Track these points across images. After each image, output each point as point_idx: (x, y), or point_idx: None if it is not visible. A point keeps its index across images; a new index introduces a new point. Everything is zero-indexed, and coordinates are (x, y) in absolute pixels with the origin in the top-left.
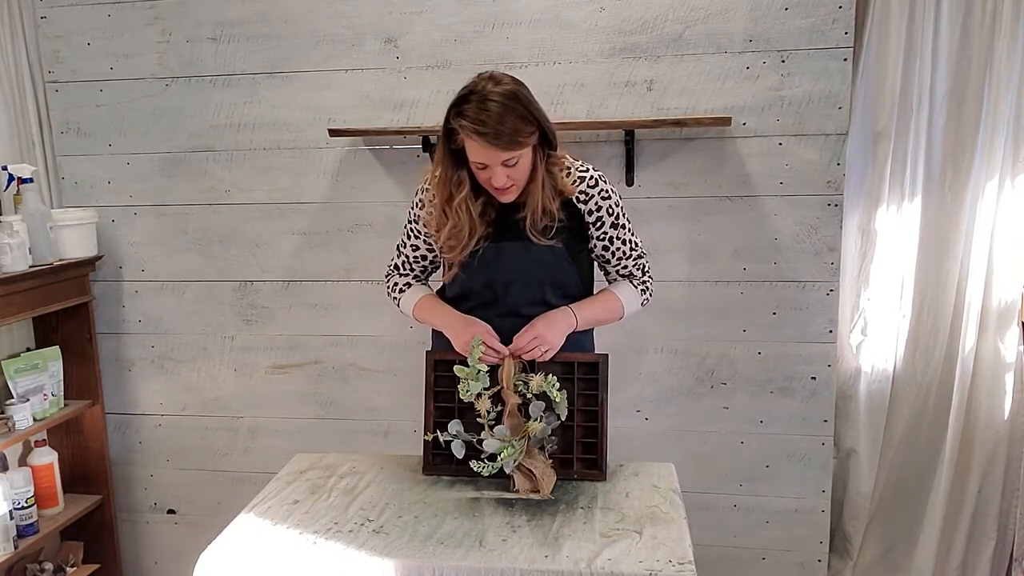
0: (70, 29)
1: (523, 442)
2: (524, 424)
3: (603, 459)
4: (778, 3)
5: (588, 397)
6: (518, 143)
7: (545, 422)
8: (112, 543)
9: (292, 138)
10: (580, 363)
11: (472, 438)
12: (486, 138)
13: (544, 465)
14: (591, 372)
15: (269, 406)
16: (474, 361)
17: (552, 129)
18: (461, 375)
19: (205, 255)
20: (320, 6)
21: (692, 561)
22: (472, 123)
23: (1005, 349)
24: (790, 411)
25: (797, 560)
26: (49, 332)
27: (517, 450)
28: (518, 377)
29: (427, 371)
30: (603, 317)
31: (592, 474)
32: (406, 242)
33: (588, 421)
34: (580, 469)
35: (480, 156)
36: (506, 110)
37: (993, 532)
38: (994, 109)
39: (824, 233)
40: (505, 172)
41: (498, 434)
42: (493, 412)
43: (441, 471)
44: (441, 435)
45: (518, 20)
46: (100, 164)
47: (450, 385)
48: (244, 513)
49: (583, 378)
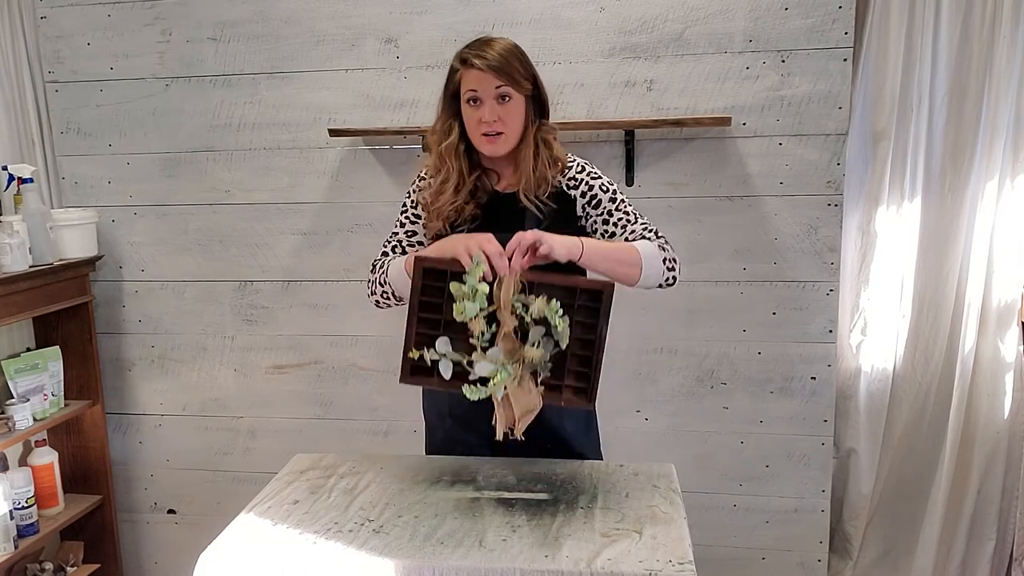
0: (70, 29)
1: (517, 367)
2: (520, 349)
3: (593, 389)
4: (778, 3)
5: (586, 327)
6: (513, 78)
7: (543, 348)
8: (112, 543)
9: (292, 138)
10: (583, 289)
11: (462, 359)
12: (483, 61)
13: (534, 393)
14: (593, 301)
15: (269, 406)
16: (473, 279)
17: (546, 97)
18: (457, 294)
19: (205, 255)
20: (320, 6)
21: (692, 561)
22: (471, 50)
23: (1005, 349)
24: (790, 411)
25: (797, 560)
26: (49, 332)
27: (511, 376)
28: (517, 298)
29: (414, 279)
30: (615, 255)
31: (579, 401)
32: (399, 230)
33: (583, 350)
34: (568, 397)
35: (474, 82)
36: (506, 49)
37: (993, 532)
38: (994, 109)
39: (824, 233)
40: (496, 110)
41: (491, 356)
42: (487, 333)
43: (421, 382)
44: (428, 353)
45: (518, 20)
46: (100, 164)
47: (437, 297)
48: (244, 513)
49: (584, 306)
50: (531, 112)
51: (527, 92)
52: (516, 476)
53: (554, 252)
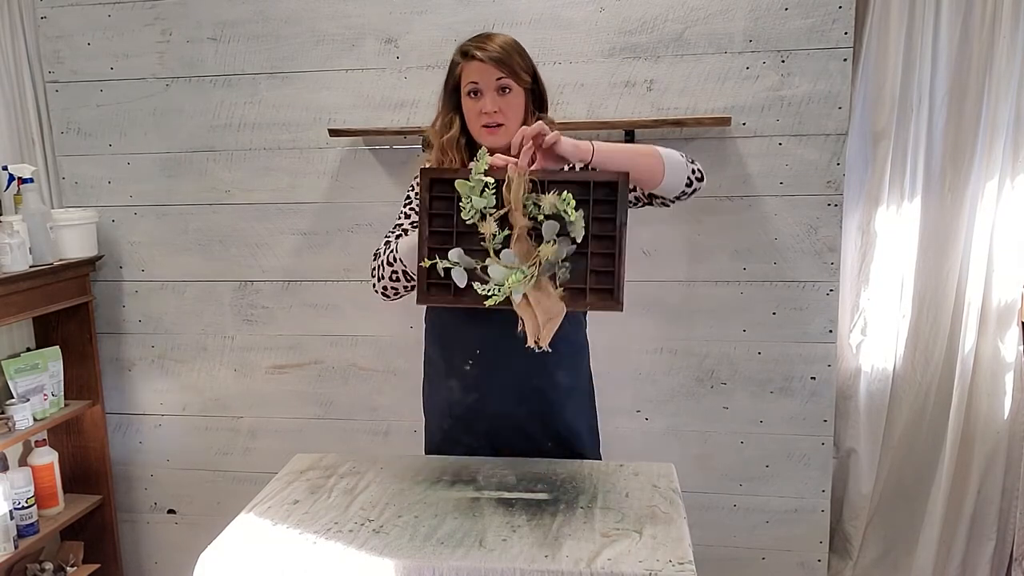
0: (70, 29)
1: (533, 268)
2: (535, 249)
3: (619, 289)
4: (778, 3)
5: (604, 222)
6: (513, 70)
7: (559, 245)
8: (112, 543)
9: (292, 138)
10: (596, 183)
11: (476, 264)
12: (484, 53)
13: (556, 298)
14: (609, 194)
15: (269, 406)
16: (479, 173)
17: (545, 91)
18: (463, 191)
19: (205, 255)
20: (320, 6)
21: (692, 561)
22: (472, 42)
23: (1005, 349)
24: (790, 411)
25: (797, 560)
26: (49, 332)
27: (527, 276)
28: (528, 197)
29: (422, 191)
30: (633, 149)
31: (608, 304)
32: (403, 220)
33: (603, 249)
34: (594, 300)
35: (475, 74)
36: (506, 42)
37: (993, 532)
38: (994, 109)
39: (824, 233)
40: (497, 101)
41: (505, 259)
42: (500, 236)
43: (437, 300)
44: (440, 262)
45: (518, 20)
46: (100, 164)
47: (447, 208)
48: (244, 513)
49: (599, 200)
50: (530, 105)
51: (527, 85)
52: (516, 476)
53: (560, 144)
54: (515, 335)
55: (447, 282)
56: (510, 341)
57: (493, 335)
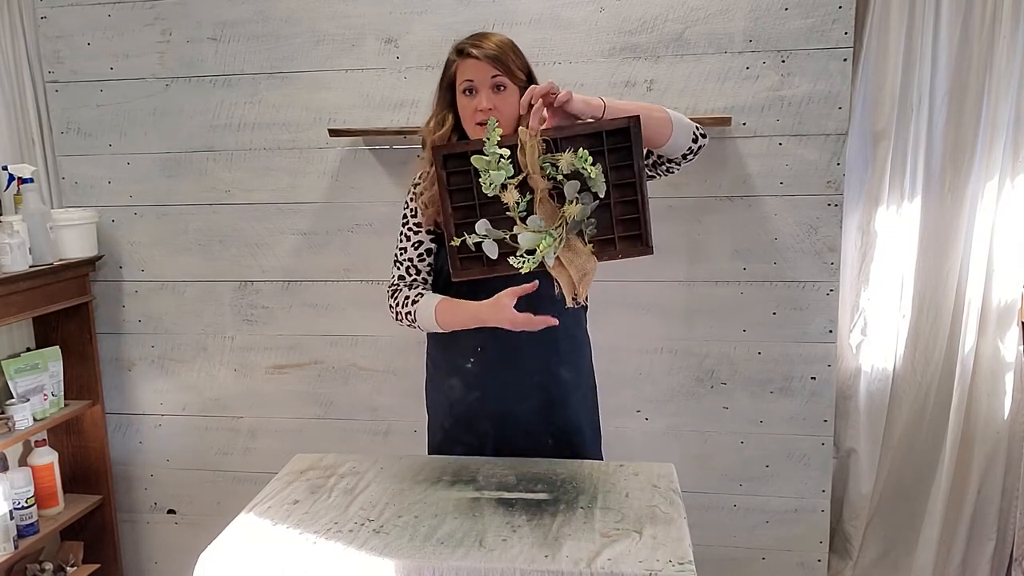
0: (70, 29)
1: (561, 230)
2: (559, 209)
3: (647, 232)
4: (778, 3)
5: (622, 170)
6: (508, 67)
7: (582, 203)
8: (112, 543)
9: (292, 138)
10: (608, 132)
11: (504, 235)
12: (480, 51)
13: (587, 254)
14: (623, 140)
15: (269, 406)
16: (492, 146)
17: None
18: (480, 166)
19: (205, 255)
20: (320, 6)
21: (692, 561)
22: (467, 41)
23: (1005, 349)
24: (790, 411)
25: (797, 560)
26: (49, 332)
27: (556, 239)
28: (544, 158)
29: (437, 168)
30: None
31: (638, 249)
32: (406, 246)
33: (625, 196)
34: (624, 248)
35: (470, 71)
36: (501, 41)
37: (993, 532)
38: (994, 109)
39: (824, 233)
40: (492, 98)
41: (532, 225)
42: (523, 202)
43: (473, 274)
44: (469, 237)
45: (518, 20)
46: (100, 164)
47: (466, 183)
48: (244, 513)
49: (613, 148)
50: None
51: (521, 83)
52: (516, 476)
53: (573, 102)
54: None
55: (479, 254)
56: (511, 339)
57: (495, 333)
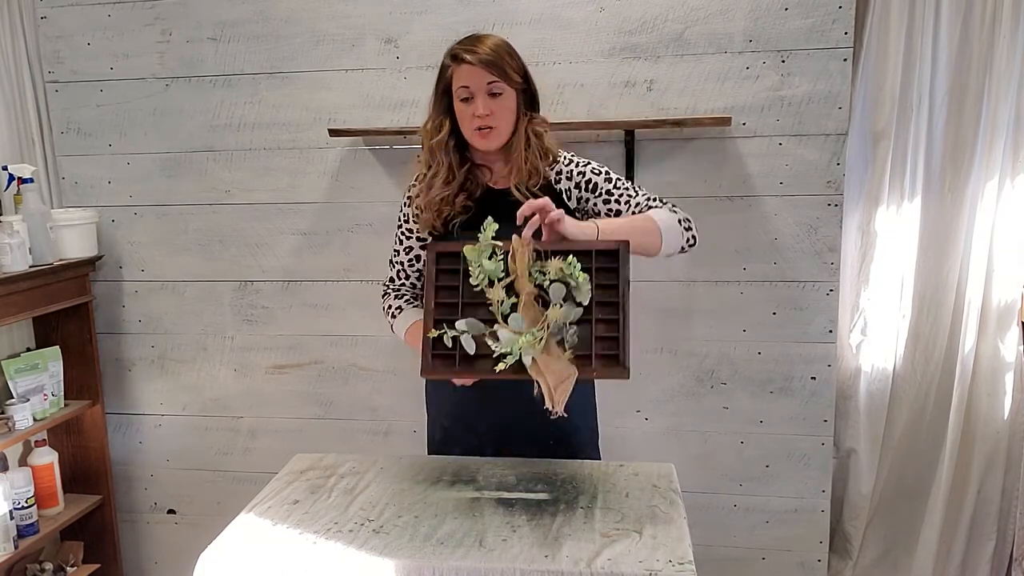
0: (70, 29)
1: (542, 332)
2: (542, 315)
3: (625, 354)
4: (778, 3)
5: (608, 289)
6: (503, 71)
7: (566, 308)
8: (112, 543)
9: (292, 138)
10: (598, 252)
11: (484, 330)
12: (474, 56)
13: (565, 361)
14: (611, 261)
15: (269, 406)
16: (486, 239)
17: (536, 90)
18: (472, 256)
19: (205, 255)
20: (320, 6)
21: (692, 561)
22: (462, 46)
23: (1005, 349)
24: (790, 411)
25: (797, 560)
26: (49, 332)
27: (536, 338)
28: (533, 265)
29: (428, 264)
30: (631, 226)
31: (615, 371)
32: (399, 249)
33: (607, 315)
34: (599, 367)
35: (466, 78)
36: (496, 44)
37: (993, 532)
38: (994, 109)
39: (824, 233)
40: (489, 104)
41: (513, 324)
42: (507, 302)
43: (442, 372)
44: (448, 330)
45: (518, 20)
46: (100, 164)
47: (452, 280)
48: (244, 513)
49: (602, 268)
50: (522, 105)
51: (518, 86)
52: (516, 476)
53: (564, 223)
54: None
55: (452, 352)
56: None
57: None
